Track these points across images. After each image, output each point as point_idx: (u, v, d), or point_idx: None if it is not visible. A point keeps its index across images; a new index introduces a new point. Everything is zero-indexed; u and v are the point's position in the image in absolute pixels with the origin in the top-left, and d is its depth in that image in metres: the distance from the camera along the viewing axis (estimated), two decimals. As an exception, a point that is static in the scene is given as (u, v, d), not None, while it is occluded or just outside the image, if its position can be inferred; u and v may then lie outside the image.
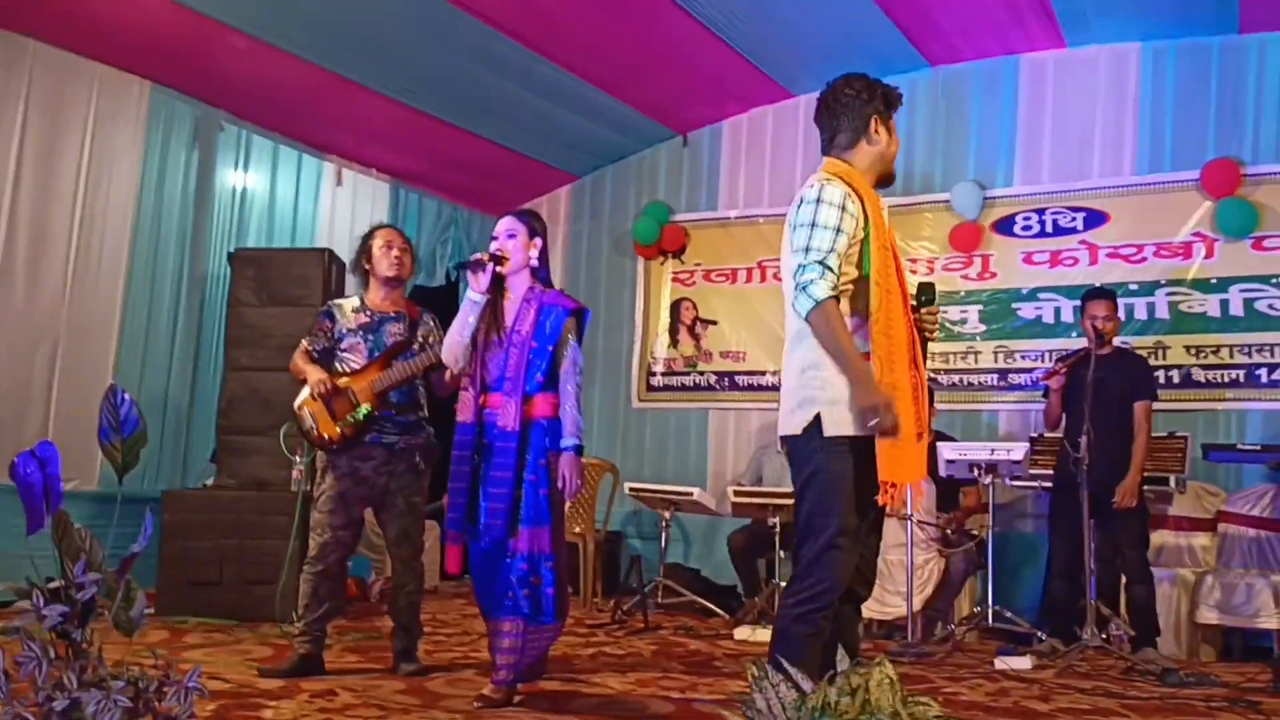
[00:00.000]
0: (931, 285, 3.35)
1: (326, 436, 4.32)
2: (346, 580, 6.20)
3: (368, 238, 4.58)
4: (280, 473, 5.84)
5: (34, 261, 5.87)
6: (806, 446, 2.99)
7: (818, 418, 2.96)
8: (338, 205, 7.59)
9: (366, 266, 4.53)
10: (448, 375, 4.35)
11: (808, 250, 3.01)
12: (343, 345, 4.44)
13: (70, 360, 5.97)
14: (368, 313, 4.48)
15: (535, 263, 3.94)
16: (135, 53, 6.14)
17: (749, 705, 2.03)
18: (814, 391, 2.99)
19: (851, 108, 3.29)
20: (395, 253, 4.50)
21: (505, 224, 3.96)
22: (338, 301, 4.60)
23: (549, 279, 4.03)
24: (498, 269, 3.86)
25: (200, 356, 6.73)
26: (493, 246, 3.92)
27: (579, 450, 3.85)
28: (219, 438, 6.15)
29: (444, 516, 8.45)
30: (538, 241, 3.95)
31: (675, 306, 8.22)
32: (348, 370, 4.39)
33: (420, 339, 4.47)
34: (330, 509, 4.32)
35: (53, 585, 2.73)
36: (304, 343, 4.48)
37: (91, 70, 6.11)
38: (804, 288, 2.97)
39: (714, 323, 8.07)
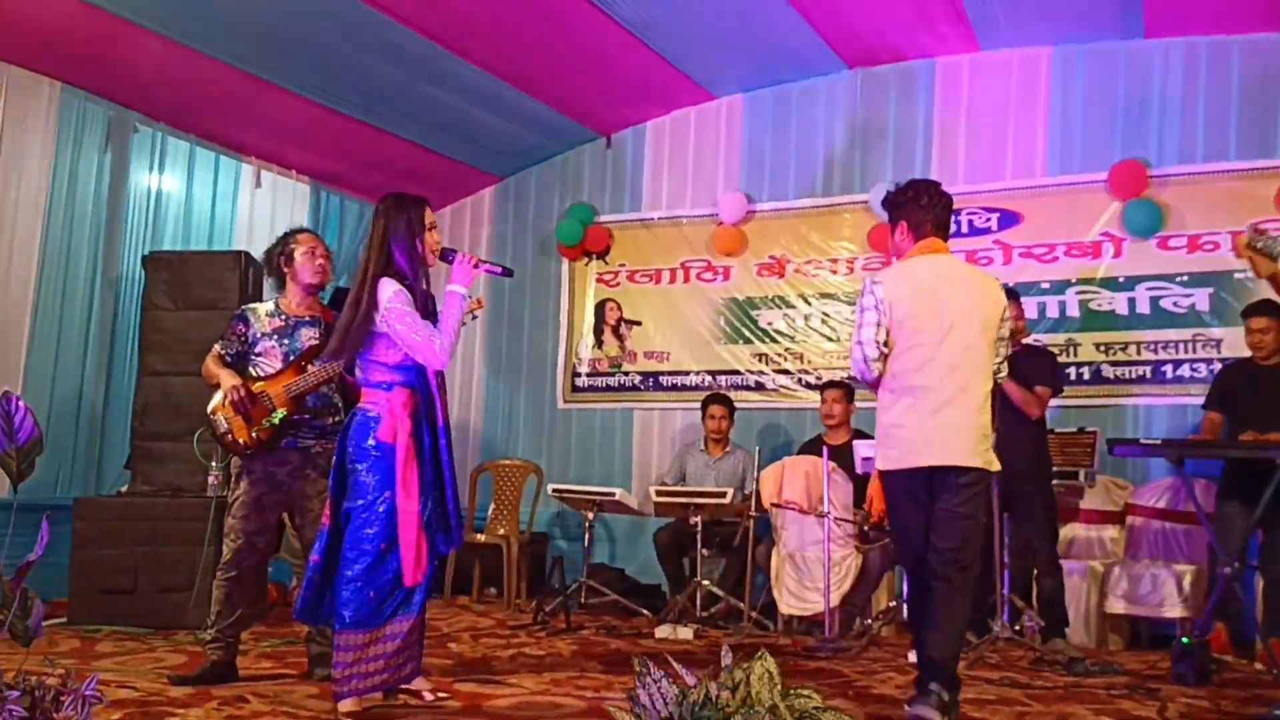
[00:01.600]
0: None
1: (242, 442, 4.29)
2: (264, 586, 6.15)
3: (288, 241, 4.54)
4: (195, 478, 5.78)
5: (-61, 265, 5.75)
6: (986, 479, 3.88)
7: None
8: (257, 207, 7.50)
9: (285, 270, 4.50)
10: None
11: None
12: (256, 350, 4.41)
13: (-23, 365, 5.85)
14: (282, 317, 4.45)
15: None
16: (45, 53, 6.03)
17: (634, 700, 2.06)
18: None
19: None
20: (319, 260, 4.49)
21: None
22: (251, 306, 4.56)
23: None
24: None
25: (114, 361, 6.62)
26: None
27: None
28: (134, 444, 6.08)
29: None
30: None
31: (600, 307, 8.25)
32: (262, 375, 4.37)
33: None
34: (244, 514, 4.29)
35: (-57, 596, 2.70)
36: (216, 347, 4.44)
37: (-1, 70, 6.00)
38: None
39: (638, 323, 8.11)
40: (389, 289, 3.70)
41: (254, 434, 4.28)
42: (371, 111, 7.21)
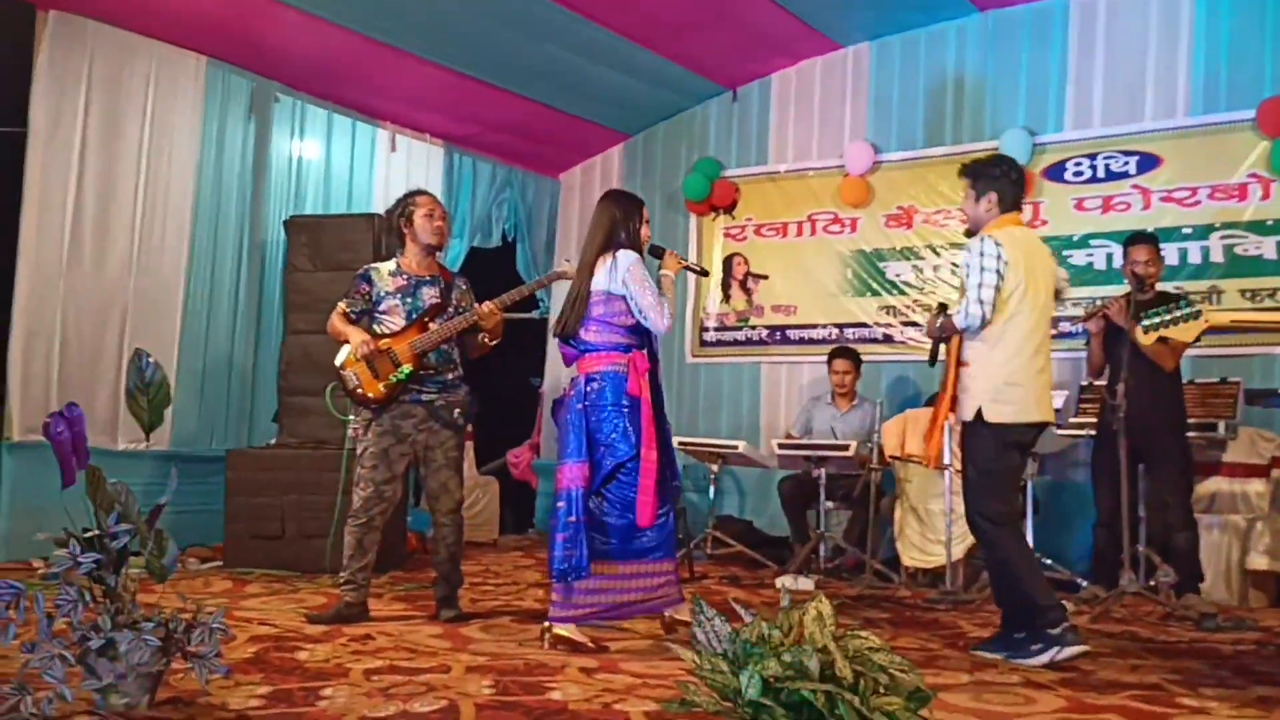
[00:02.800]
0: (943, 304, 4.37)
1: (370, 395, 4.52)
2: (404, 533, 6.49)
3: (407, 203, 4.71)
4: (337, 431, 6.08)
5: (101, 236, 6.18)
6: None
7: None
8: (393, 170, 7.79)
9: (405, 231, 4.69)
10: (481, 338, 4.55)
11: None
12: (380, 308, 4.62)
13: (138, 329, 6.27)
14: (404, 276, 4.65)
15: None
16: (190, 29, 6.38)
17: (693, 638, 2.15)
18: None
19: None
20: (438, 223, 4.68)
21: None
22: (374, 265, 4.77)
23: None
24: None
25: (261, 321, 7.02)
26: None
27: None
28: (280, 399, 6.44)
29: (505, 474, 8.75)
30: None
31: (727, 262, 8.27)
32: (386, 332, 4.58)
33: (455, 302, 4.64)
34: (373, 464, 4.53)
35: (88, 535, 2.97)
36: (341, 305, 4.67)
37: (149, 48, 6.37)
38: None
39: (765, 277, 8.11)
40: (630, 257, 4.18)
41: (382, 388, 4.50)
42: (500, 74, 7.39)
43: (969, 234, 4.34)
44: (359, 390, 4.56)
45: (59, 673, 2.82)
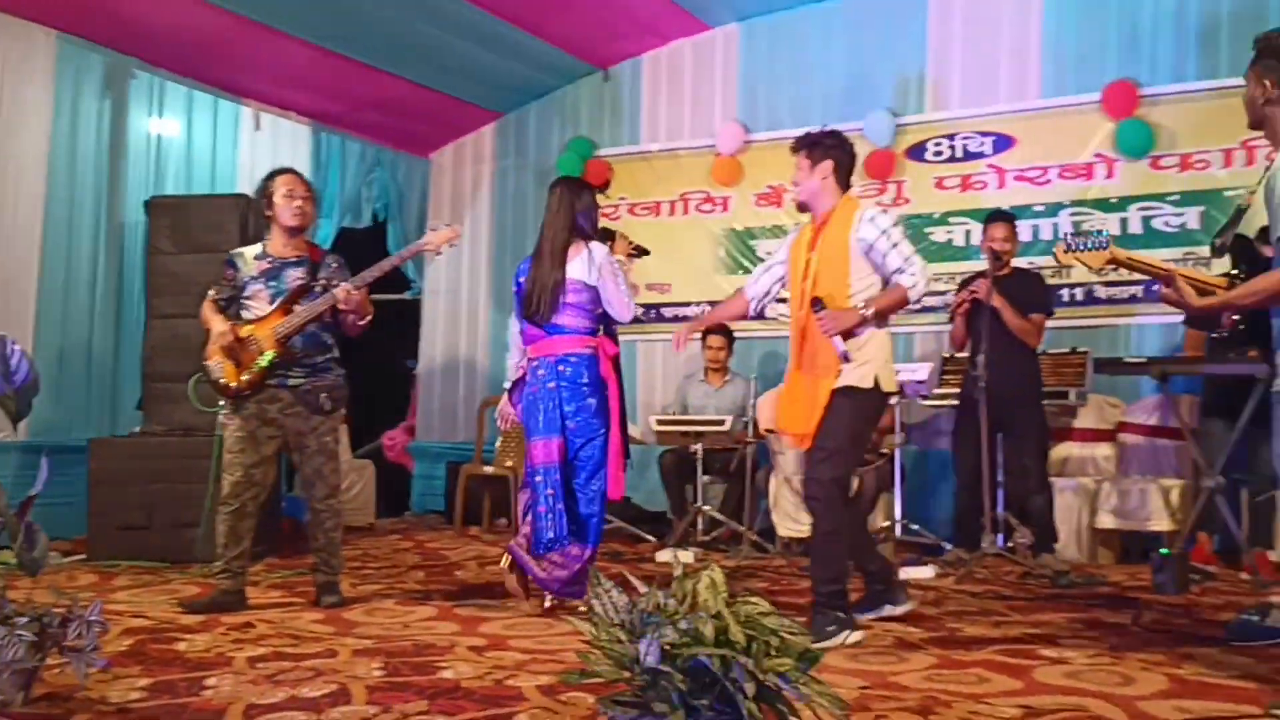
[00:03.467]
0: (817, 298, 3.98)
1: (233, 385, 4.42)
2: (280, 519, 6.38)
3: (268, 184, 4.59)
4: (205, 417, 5.93)
5: (-54, 216, 5.89)
6: None
7: None
8: (258, 150, 7.59)
9: (268, 214, 4.59)
10: (350, 319, 4.48)
11: None
12: (246, 293, 4.51)
13: (-12, 314, 6.00)
14: (269, 259, 4.55)
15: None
16: (39, 1, 6.10)
17: (591, 610, 2.20)
18: None
19: None
20: (298, 202, 4.53)
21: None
22: (240, 250, 4.65)
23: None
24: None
25: (122, 305, 6.78)
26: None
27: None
28: (144, 385, 6.24)
29: (380, 457, 8.64)
30: None
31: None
32: (253, 317, 4.48)
33: (322, 282, 4.53)
34: (240, 449, 4.44)
35: (-47, 530, 2.87)
36: (211, 293, 4.57)
37: (-5, 21, 6.08)
38: None
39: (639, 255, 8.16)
40: (603, 251, 4.40)
41: (244, 378, 4.41)
42: (369, 52, 7.26)
43: (802, 208, 4.24)
44: (222, 381, 4.45)
45: (-73, 673, 2.72)
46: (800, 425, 4.02)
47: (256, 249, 4.59)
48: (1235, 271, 3.75)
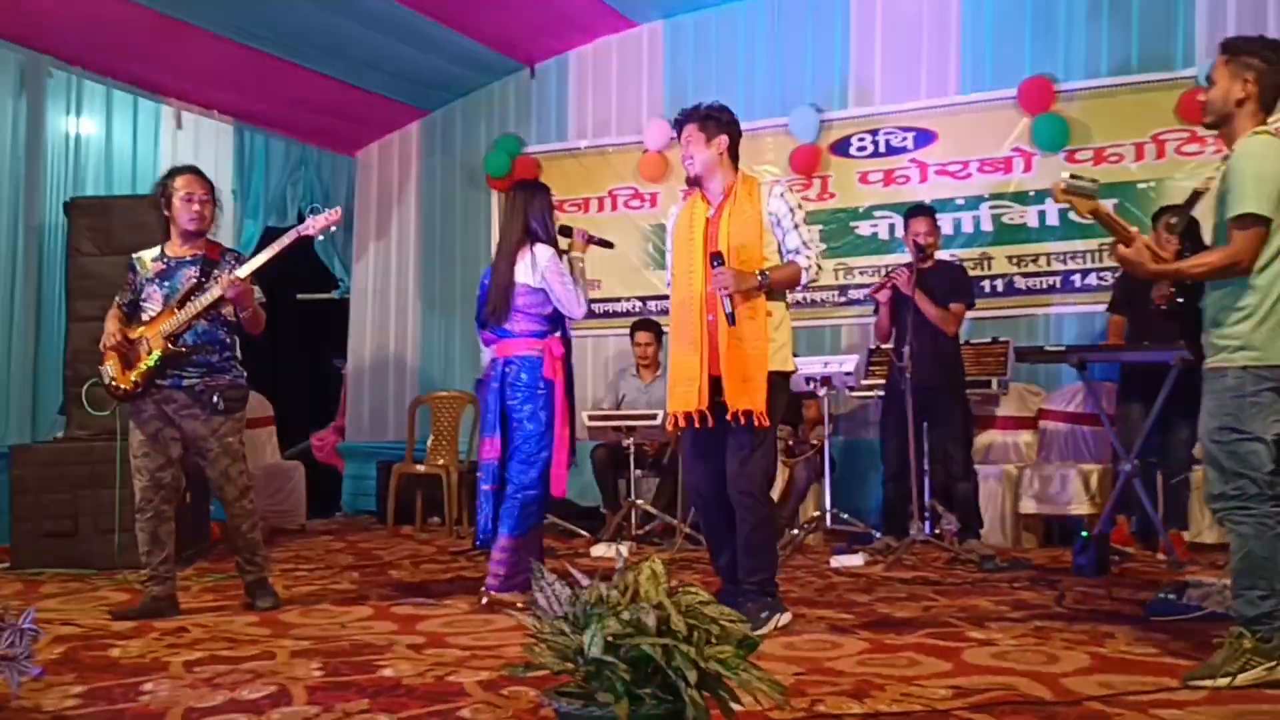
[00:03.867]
0: (718, 252, 3.95)
1: (124, 387, 4.35)
2: (208, 522, 6.30)
3: (166, 185, 4.50)
4: (125, 420, 5.83)
5: None
6: None
7: None
8: (179, 149, 7.44)
9: (166, 214, 4.51)
10: (237, 313, 4.43)
11: None
12: (143, 296, 4.45)
13: (-99, 319, 5.84)
14: (165, 260, 4.47)
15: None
16: (-52, -1, 5.95)
17: (534, 604, 2.23)
18: None
19: None
20: (195, 205, 4.43)
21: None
22: (139, 254, 4.56)
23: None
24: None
25: (42, 308, 6.62)
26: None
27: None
28: (66, 389, 6.11)
29: (308, 457, 8.56)
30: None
31: (530, 238, 8.32)
32: (148, 319, 4.42)
33: (213, 279, 4.41)
34: (144, 452, 4.38)
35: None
36: (115, 299, 4.51)
37: (-98, 18, 5.90)
38: None
39: (569, 252, 8.18)
40: (547, 253, 4.49)
41: (133, 377, 4.34)
42: (292, 49, 7.17)
43: (691, 182, 4.16)
44: (113, 383, 4.39)
45: None
46: (695, 403, 3.96)
47: (155, 251, 4.52)
48: (1182, 250, 3.85)
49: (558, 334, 4.60)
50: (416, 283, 8.74)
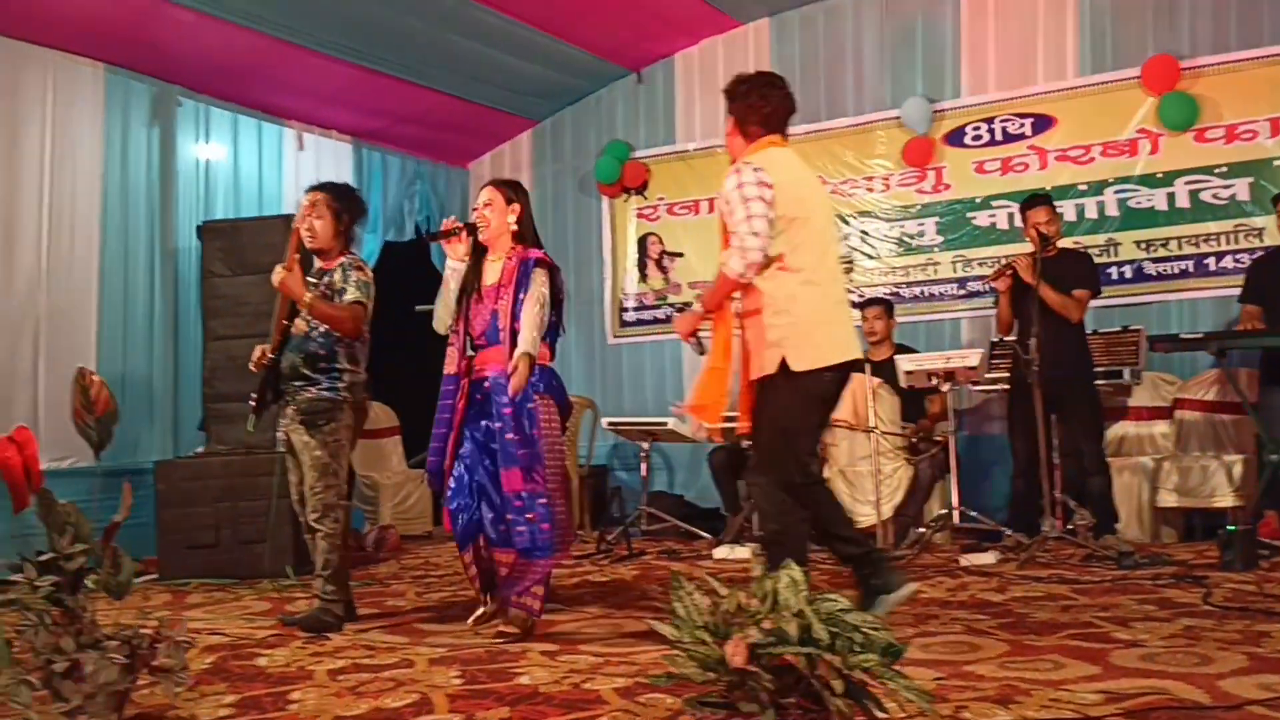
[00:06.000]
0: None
1: (254, 401, 4.48)
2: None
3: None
4: (266, 434, 6.03)
5: (7, 252, 6.02)
6: None
7: None
8: (302, 169, 7.69)
9: None
10: (316, 312, 4.31)
11: None
12: None
13: (52, 344, 6.13)
14: (314, 275, 4.53)
15: (515, 227, 4.16)
16: (85, 36, 6.23)
17: (673, 613, 2.24)
18: None
19: None
20: (307, 222, 4.43)
21: (481, 195, 4.23)
22: None
23: (534, 240, 4.24)
24: (471, 237, 4.18)
25: (179, 329, 6.90)
26: (471, 218, 4.20)
27: (530, 358, 3.98)
28: (205, 406, 6.36)
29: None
30: (515, 207, 4.18)
31: (642, 242, 8.38)
32: None
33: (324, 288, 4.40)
34: (288, 468, 4.51)
35: (43, 558, 2.95)
36: None
37: (44, 57, 6.20)
38: None
39: (680, 255, 8.24)
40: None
41: (253, 395, 4.45)
42: (405, 67, 7.35)
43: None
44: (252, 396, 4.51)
45: (25, 698, 2.79)
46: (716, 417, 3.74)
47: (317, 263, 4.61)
48: None
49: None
50: (532, 290, 8.83)
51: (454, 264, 4.21)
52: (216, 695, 3.27)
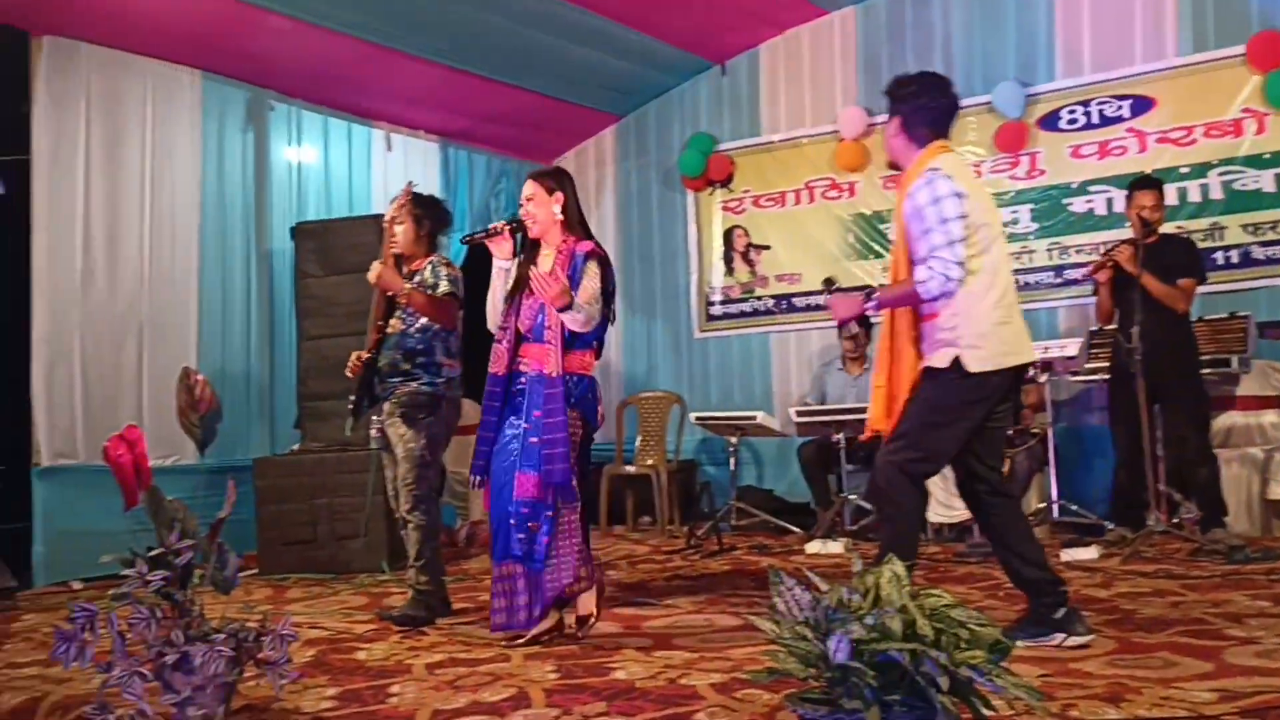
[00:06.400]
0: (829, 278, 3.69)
1: (352, 404, 4.53)
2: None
3: None
4: (359, 433, 6.12)
5: (111, 256, 6.19)
6: None
7: None
8: (390, 170, 7.80)
9: None
10: (413, 302, 4.41)
11: None
12: None
13: (155, 346, 6.29)
14: (404, 276, 4.57)
15: (560, 216, 4.04)
16: (182, 44, 6.39)
17: (773, 609, 2.21)
18: None
19: None
20: (390, 228, 4.51)
21: (524, 190, 4.09)
22: None
23: (584, 228, 4.15)
24: (518, 235, 4.10)
25: (274, 329, 7.04)
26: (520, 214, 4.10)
27: (573, 303, 3.86)
28: (300, 405, 6.48)
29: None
30: (559, 196, 4.05)
31: (728, 235, 8.33)
32: None
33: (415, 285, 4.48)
34: (379, 466, 4.57)
35: (153, 553, 3.02)
36: None
37: (143, 66, 6.37)
38: None
39: (767, 247, 8.17)
40: None
41: (352, 397, 4.51)
42: (488, 65, 7.41)
43: (893, 167, 3.77)
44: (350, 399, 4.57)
45: (138, 689, 2.86)
46: (878, 421, 3.63)
47: None
48: None
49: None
50: (618, 286, 8.82)
51: (501, 263, 4.12)
52: (318, 688, 3.33)
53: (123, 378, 6.19)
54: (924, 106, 3.61)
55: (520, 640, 3.85)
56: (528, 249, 4.13)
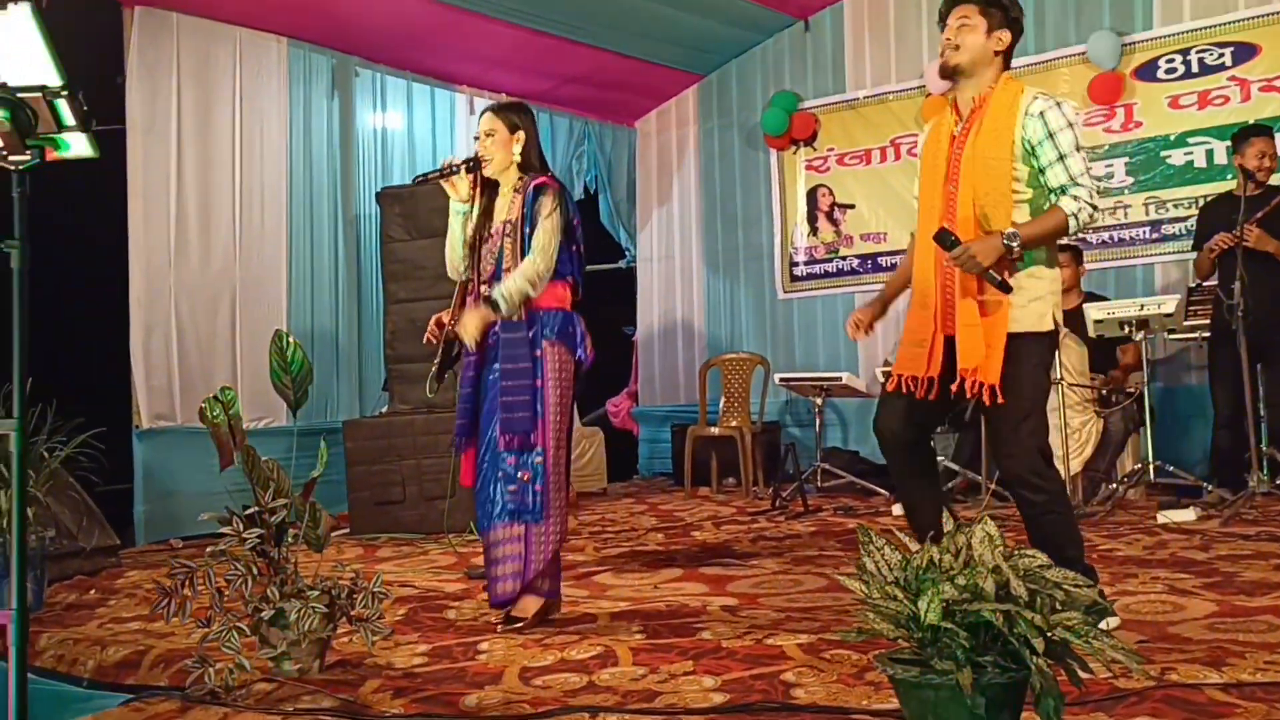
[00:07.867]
0: (944, 230, 3.06)
1: (436, 366, 4.45)
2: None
3: None
4: (446, 394, 6.18)
5: (204, 224, 6.33)
6: None
7: None
8: (472, 133, 7.79)
9: None
10: None
11: None
12: None
13: (247, 311, 6.45)
14: None
15: (518, 158, 3.73)
16: (269, 12, 6.47)
17: (862, 569, 2.18)
18: None
19: None
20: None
21: (481, 123, 3.79)
22: None
23: (543, 167, 3.79)
24: (474, 174, 3.75)
25: (361, 293, 7.16)
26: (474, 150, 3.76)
27: (494, 305, 3.55)
28: (387, 367, 6.58)
29: (605, 423, 8.77)
30: (520, 135, 3.73)
31: (811, 194, 8.21)
32: None
33: None
34: None
35: (249, 512, 3.10)
36: None
37: (232, 34, 6.47)
38: None
39: (852, 206, 8.04)
40: None
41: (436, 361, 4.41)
42: (568, 26, 7.37)
43: (951, 71, 3.19)
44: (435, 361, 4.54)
45: (236, 644, 2.96)
46: (924, 368, 3.19)
47: None
48: None
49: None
50: (700, 247, 8.80)
51: (457, 206, 3.79)
52: (410, 645, 3.39)
53: (216, 342, 6.35)
54: (1019, 34, 3.23)
55: (517, 624, 3.54)
56: (486, 193, 3.80)
